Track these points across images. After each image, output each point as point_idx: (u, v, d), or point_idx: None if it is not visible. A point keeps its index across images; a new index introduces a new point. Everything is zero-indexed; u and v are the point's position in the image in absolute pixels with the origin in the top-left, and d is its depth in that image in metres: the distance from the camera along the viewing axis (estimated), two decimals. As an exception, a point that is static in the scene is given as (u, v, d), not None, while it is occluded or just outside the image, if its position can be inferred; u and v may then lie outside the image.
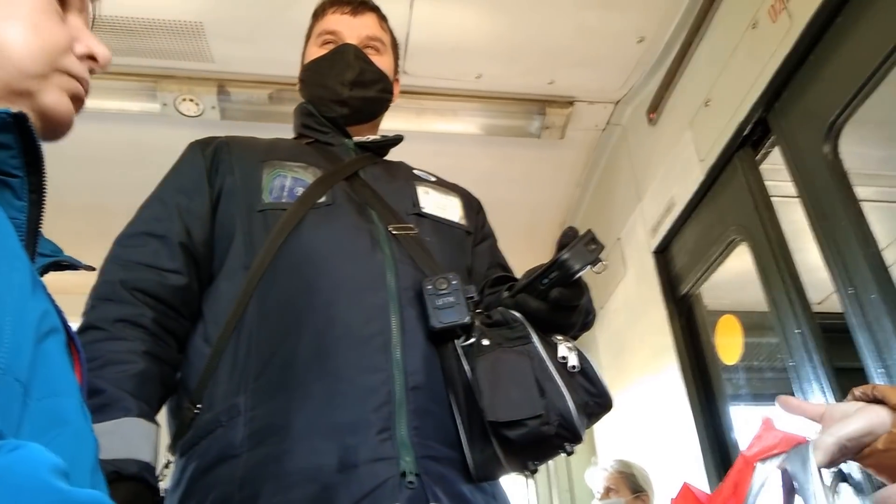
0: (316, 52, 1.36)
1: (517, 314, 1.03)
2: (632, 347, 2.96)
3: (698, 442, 2.43)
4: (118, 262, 1.08)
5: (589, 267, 0.98)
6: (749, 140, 2.24)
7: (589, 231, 0.99)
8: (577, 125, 3.11)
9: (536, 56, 2.75)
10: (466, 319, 1.02)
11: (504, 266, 1.36)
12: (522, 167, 3.29)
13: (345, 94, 1.30)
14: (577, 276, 0.99)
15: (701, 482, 2.37)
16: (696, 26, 2.50)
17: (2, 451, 0.37)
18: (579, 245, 0.97)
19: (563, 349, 1.02)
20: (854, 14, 1.81)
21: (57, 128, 0.66)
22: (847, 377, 1.87)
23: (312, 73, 1.35)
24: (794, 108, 2.04)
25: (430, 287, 1.04)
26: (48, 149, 0.61)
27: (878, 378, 1.68)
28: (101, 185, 3.04)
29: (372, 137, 1.36)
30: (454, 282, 1.04)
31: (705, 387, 2.52)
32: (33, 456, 0.38)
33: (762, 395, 3.05)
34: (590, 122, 3.13)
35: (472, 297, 1.05)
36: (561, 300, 1.01)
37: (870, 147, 2.44)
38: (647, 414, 2.76)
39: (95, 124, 2.73)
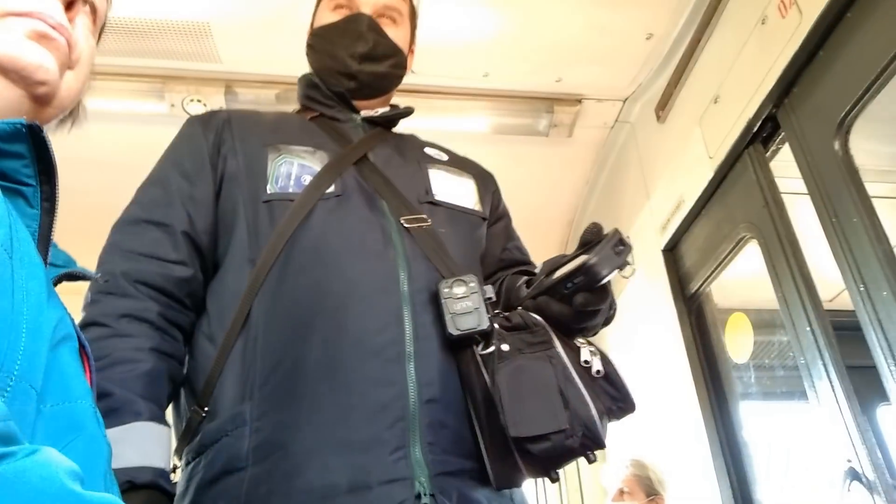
0: (327, 16, 1.29)
1: (538, 318, 0.99)
2: (641, 346, 2.95)
3: (708, 440, 2.42)
4: (118, 251, 1.04)
5: (617, 271, 0.92)
6: (759, 137, 2.23)
7: (616, 231, 0.94)
8: (585, 123, 3.10)
9: (544, 54, 2.74)
10: (486, 326, 0.96)
11: (519, 248, 1.33)
12: (530, 165, 3.28)
13: (354, 67, 1.24)
14: (604, 281, 0.94)
15: (710, 481, 2.36)
16: (704, 22, 2.49)
17: (19, 454, 0.37)
18: (607, 248, 0.91)
19: (586, 353, 0.98)
20: (864, 9, 1.80)
21: (21, 72, 0.59)
22: (859, 375, 1.86)
23: (321, 41, 1.28)
24: (804, 104, 2.03)
25: (446, 290, 0.99)
26: (56, 151, 0.60)
27: (890, 375, 1.66)
28: (108, 186, 3.03)
29: (381, 111, 1.30)
30: (472, 284, 0.99)
31: (715, 385, 2.51)
32: (50, 460, 0.38)
33: (773, 394, 3.03)
34: (598, 119, 3.12)
35: (490, 299, 0.99)
36: (586, 305, 0.95)
37: (881, 143, 2.42)
38: (657, 412, 2.75)
39: (103, 125, 2.74)
